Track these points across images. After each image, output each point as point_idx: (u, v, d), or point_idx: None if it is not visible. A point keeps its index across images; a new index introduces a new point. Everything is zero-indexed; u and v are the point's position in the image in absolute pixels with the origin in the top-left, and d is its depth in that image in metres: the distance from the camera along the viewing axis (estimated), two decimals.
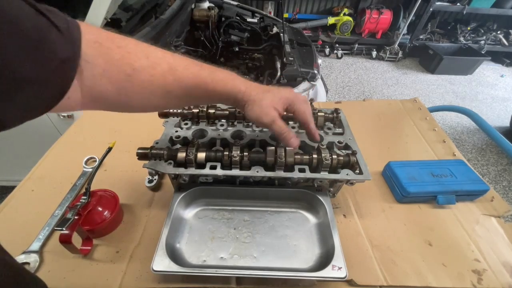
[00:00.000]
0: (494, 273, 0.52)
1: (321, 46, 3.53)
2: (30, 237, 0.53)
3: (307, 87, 1.35)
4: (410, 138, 0.82)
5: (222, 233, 0.54)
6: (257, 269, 0.49)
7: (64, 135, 0.80)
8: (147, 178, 0.65)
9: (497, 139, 0.87)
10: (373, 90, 2.99)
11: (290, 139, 0.47)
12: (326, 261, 0.47)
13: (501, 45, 3.49)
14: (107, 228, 0.55)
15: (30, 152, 0.95)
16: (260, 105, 0.43)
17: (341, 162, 0.53)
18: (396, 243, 0.56)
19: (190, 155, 0.50)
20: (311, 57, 1.55)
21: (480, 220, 0.61)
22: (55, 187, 0.64)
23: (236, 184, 0.59)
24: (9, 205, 0.61)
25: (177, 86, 0.38)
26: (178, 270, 0.44)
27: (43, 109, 0.28)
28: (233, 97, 0.43)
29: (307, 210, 0.59)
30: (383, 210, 0.62)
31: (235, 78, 0.43)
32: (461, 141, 2.37)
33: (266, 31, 1.77)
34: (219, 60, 1.70)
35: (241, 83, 0.43)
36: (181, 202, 0.56)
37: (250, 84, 0.44)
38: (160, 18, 1.44)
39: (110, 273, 0.50)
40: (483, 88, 3.16)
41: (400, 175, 0.64)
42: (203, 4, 1.77)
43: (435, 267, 0.52)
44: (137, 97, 0.36)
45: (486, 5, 3.16)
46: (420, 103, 0.95)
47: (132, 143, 0.75)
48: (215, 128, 0.61)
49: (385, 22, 3.31)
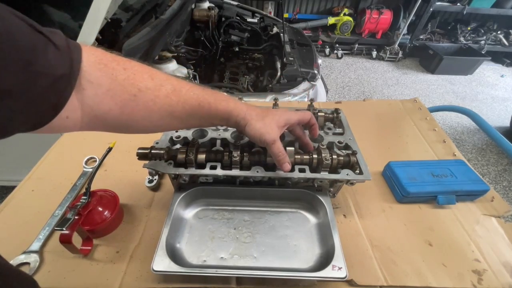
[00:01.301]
0: (494, 273, 0.52)
1: (321, 46, 3.53)
2: (30, 237, 0.53)
3: (307, 87, 1.35)
4: (410, 138, 0.82)
5: (222, 233, 0.54)
6: (257, 269, 0.49)
7: (64, 135, 0.80)
8: (147, 178, 0.65)
9: (497, 139, 0.87)
10: (373, 90, 2.99)
11: (284, 163, 0.48)
12: (326, 261, 0.47)
13: (501, 45, 3.49)
14: (107, 228, 0.55)
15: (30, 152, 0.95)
16: (264, 122, 0.44)
17: (341, 162, 0.53)
18: (396, 243, 0.56)
19: (190, 155, 0.50)
20: (311, 57, 1.56)
21: (480, 220, 0.61)
22: (55, 187, 0.64)
23: (236, 184, 0.59)
24: (9, 205, 0.61)
25: (181, 106, 0.38)
26: (178, 270, 0.44)
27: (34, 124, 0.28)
28: (235, 117, 0.44)
29: (307, 210, 0.59)
30: (383, 210, 0.62)
31: (235, 100, 0.45)
32: (461, 141, 2.37)
33: (266, 31, 1.77)
34: (219, 60, 1.70)
35: (242, 104, 0.45)
36: (181, 202, 0.56)
37: (250, 105, 0.46)
38: (160, 18, 1.44)
39: (110, 273, 0.50)
40: (483, 88, 3.15)
41: (400, 175, 0.64)
42: (203, 4, 1.77)
43: (435, 267, 0.52)
44: (139, 118, 0.36)
45: (486, 5, 3.15)
46: (420, 103, 0.95)
47: (132, 143, 0.75)
48: (215, 128, 0.61)
49: (385, 22, 3.31)
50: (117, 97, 0.33)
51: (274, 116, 0.46)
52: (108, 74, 0.32)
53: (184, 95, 0.38)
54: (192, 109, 0.39)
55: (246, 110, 0.44)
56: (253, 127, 0.44)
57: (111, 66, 0.33)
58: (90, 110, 0.32)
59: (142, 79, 0.35)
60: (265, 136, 0.44)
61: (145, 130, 0.40)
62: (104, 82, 0.32)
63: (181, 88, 0.38)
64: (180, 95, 0.38)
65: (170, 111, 0.38)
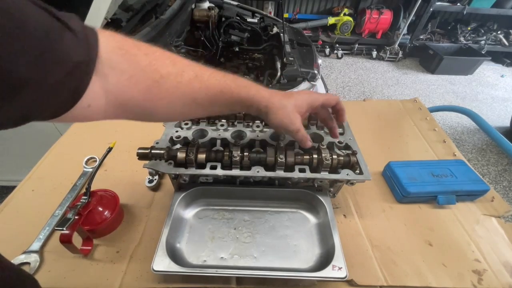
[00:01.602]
0: (494, 273, 0.52)
1: (321, 46, 3.52)
2: (30, 237, 0.53)
3: (307, 87, 1.35)
4: (410, 138, 0.82)
5: (222, 233, 0.54)
6: (257, 269, 0.49)
7: (64, 135, 0.80)
8: (147, 178, 0.65)
9: (497, 139, 0.87)
10: (373, 90, 2.98)
11: (306, 143, 0.49)
12: (326, 261, 0.47)
13: (501, 45, 3.49)
14: (107, 228, 0.55)
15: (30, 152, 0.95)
16: (285, 112, 0.44)
17: (342, 162, 0.53)
18: (396, 243, 0.56)
19: (190, 155, 0.50)
20: (311, 57, 1.55)
21: (480, 220, 0.61)
22: (55, 187, 0.64)
23: (236, 184, 0.59)
24: (9, 205, 0.61)
25: (203, 93, 0.38)
26: (178, 270, 0.44)
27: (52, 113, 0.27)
28: (257, 105, 0.43)
29: (307, 210, 0.59)
30: (383, 210, 0.62)
31: (257, 85, 0.44)
32: (461, 141, 2.37)
33: (266, 31, 1.77)
34: (219, 60, 1.70)
35: (264, 90, 0.44)
36: (181, 202, 0.56)
37: (272, 91, 0.45)
38: (160, 18, 1.43)
39: (110, 273, 0.50)
40: (483, 88, 3.15)
41: (400, 175, 0.64)
42: (203, 4, 1.77)
43: (435, 267, 0.52)
44: (162, 104, 0.35)
45: (486, 5, 3.15)
46: (420, 103, 0.95)
47: (132, 143, 0.75)
48: (215, 128, 0.61)
49: (385, 22, 3.31)
50: (140, 83, 0.32)
51: (296, 101, 0.45)
52: (130, 60, 0.31)
53: (206, 81, 0.38)
54: (214, 95, 0.39)
55: (268, 97, 0.43)
56: (276, 117, 0.44)
57: (132, 52, 0.32)
58: (114, 98, 0.31)
59: (164, 64, 0.34)
60: (289, 127, 0.45)
61: (168, 117, 0.39)
62: (127, 69, 0.31)
63: (203, 74, 0.38)
64: (202, 81, 0.37)
65: (193, 98, 0.37)
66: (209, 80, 0.38)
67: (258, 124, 0.62)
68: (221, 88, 0.39)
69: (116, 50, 0.30)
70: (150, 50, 0.34)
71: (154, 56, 0.34)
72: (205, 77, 0.38)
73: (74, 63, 0.26)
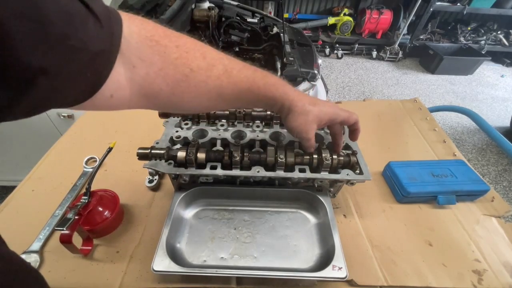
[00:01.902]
0: (494, 273, 0.52)
1: (321, 46, 3.52)
2: (30, 237, 0.53)
3: (307, 87, 1.35)
4: (411, 138, 0.82)
5: (223, 233, 0.54)
6: (257, 269, 0.49)
7: (64, 135, 0.80)
8: (147, 178, 0.65)
9: (497, 139, 0.87)
10: (373, 90, 2.98)
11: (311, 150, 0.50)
12: (326, 261, 0.47)
13: (502, 45, 3.49)
14: (107, 228, 0.55)
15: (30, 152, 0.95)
16: (305, 119, 0.44)
17: (342, 162, 0.53)
18: (396, 243, 0.56)
19: (190, 155, 0.50)
20: (311, 57, 1.55)
21: (480, 220, 0.61)
22: (55, 187, 0.64)
23: (237, 184, 0.59)
24: (9, 205, 0.61)
25: (230, 89, 0.37)
26: (178, 270, 0.44)
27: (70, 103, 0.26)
28: (280, 105, 0.43)
29: (307, 210, 0.59)
30: (383, 210, 0.62)
31: (285, 84, 0.43)
32: (462, 141, 2.37)
33: (266, 31, 1.77)
34: None
35: (291, 90, 0.43)
36: (181, 202, 0.56)
37: (299, 93, 0.44)
38: (160, 18, 1.43)
39: (110, 273, 0.50)
40: (483, 88, 3.15)
41: (401, 175, 0.64)
42: (203, 4, 1.77)
43: (435, 267, 0.52)
44: (189, 98, 0.35)
45: (486, 5, 3.15)
46: (420, 103, 0.95)
47: (132, 143, 0.75)
48: (215, 128, 0.61)
49: (385, 22, 3.31)
50: (169, 77, 0.31)
51: (320, 112, 0.44)
52: (161, 52, 0.30)
53: (234, 77, 0.37)
54: (241, 92, 0.38)
55: (293, 99, 0.43)
56: (295, 120, 0.44)
57: (163, 43, 0.30)
58: (140, 89, 0.30)
59: (195, 58, 0.33)
60: (303, 135, 0.45)
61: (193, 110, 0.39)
62: (157, 61, 0.30)
63: (232, 69, 0.37)
64: (231, 77, 0.36)
65: (220, 93, 0.36)
66: (238, 76, 0.37)
67: (258, 124, 0.62)
68: (249, 85, 0.38)
69: (147, 41, 0.29)
70: (181, 41, 0.33)
71: (185, 48, 0.32)
72: (234, 72, 0.37)
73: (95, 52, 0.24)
